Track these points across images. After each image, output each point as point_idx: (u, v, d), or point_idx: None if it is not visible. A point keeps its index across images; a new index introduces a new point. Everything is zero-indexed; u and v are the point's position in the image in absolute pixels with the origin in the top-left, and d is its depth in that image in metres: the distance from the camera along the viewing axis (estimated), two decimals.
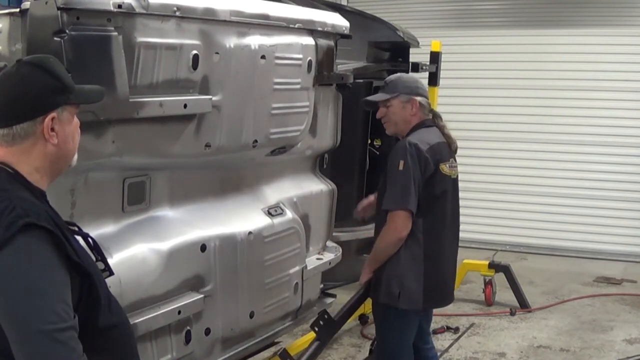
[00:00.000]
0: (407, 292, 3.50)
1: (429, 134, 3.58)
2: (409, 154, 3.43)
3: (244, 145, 3.44)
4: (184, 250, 3.16)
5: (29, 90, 1.92)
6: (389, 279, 3.52)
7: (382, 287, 3.55)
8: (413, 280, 3.50)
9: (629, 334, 5.83)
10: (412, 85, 3.64)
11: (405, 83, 3.63)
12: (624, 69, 8.24)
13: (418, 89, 3.65)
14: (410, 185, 3.42)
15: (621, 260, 8.23)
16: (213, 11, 3.05)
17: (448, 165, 3.59)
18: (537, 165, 8.64)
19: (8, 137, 1.92)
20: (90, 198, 2.85)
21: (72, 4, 2.48)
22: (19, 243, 1.78)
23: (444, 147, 3.60)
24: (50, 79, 1.94)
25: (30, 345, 1.75)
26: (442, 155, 3.56)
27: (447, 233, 3.65)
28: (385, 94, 3.62)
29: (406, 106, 3.60)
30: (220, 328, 3.40)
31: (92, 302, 1.96)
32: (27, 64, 1.97)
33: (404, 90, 3.60)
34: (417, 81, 3.70)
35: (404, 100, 3.59)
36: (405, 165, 3.42)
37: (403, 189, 3.43)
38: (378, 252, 3.57)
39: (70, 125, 2.00)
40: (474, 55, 8.80)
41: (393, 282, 3.51)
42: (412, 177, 3.42)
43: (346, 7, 7.42)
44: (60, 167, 2.03)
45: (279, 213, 3.76)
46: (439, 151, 3.55)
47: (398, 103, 3.59)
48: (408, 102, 3.59)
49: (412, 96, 3.60)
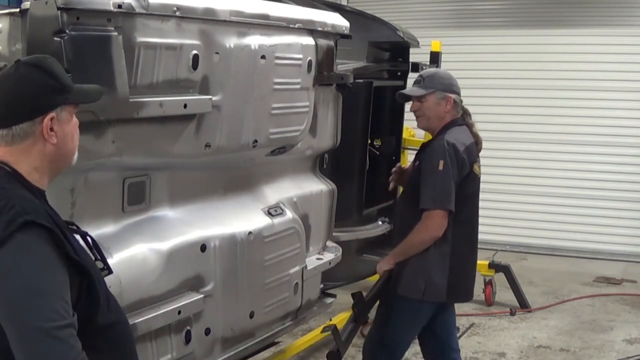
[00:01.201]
0: (433, 286, 3.55)
1: (463, 134, 3.64)
2: (448, 154, 3.49)
3: (244, 145, 3.43)
4: (184, 250, 3.16)
5: (28, 91, 1.92)
6: (414, 272, 3.56)
7: (404, 280, 3.59)
8: (438, 275, 3.56)
9: (629, 334, 5.83)
10: (447, 83, 3.67)
11: (442, 80, 3.67)
12: (624, 69, 8.24)
13: (453, 86, 3.68)
14: (451, 185, 3.48)
15: (621, 260, 8.24)
16: (213, 11, 3.05)
17: (478, 165, 3.67)
18: (537, 165, 8.64)
19: (7, 138, 1.92)
20: (90, 198, 2.85)
21: (72, 4, 2.48)
22: (18, 241, 1.79)
23: (473, 146, 3.67)
24: (49, 79, 1.95)
25: (29, 343, 1.76)
26: (474, 156, 3.64)
27: (475, 231, 3.73)
28: (421, 89, 3.65)
29: (441, 103, 3.64)
30: (220, 328, 3.39)
31: (91, 301, 1.96)
32: (25, 64, 1.97)
33: (439, 87, 3.64)
34: (452, 78, 3.73)
35: (440, 97, 3.63)
36: (445, 165, 3.47)
37: (443, 189, 3.48)
38: (409, 247, 3.60)
39: (69, 124, 2.00)
40: (474, 55, 8.80)
41: (418, 276, 3.56)
42: (452, 177, 3.47)
43: (346, 7, 7.41)
44: (59, 167, 2.04)
45: (279, 213, 3.76)
46: (472, 151, 3.63)
47: (433, 99, 3.63)
48: (443, 99, 3.63)
49: (447, 93, 3.64)
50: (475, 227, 3.73)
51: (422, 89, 3.66)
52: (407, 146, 6.40)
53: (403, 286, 3.61)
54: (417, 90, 3.68)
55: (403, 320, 3.69)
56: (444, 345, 3.88)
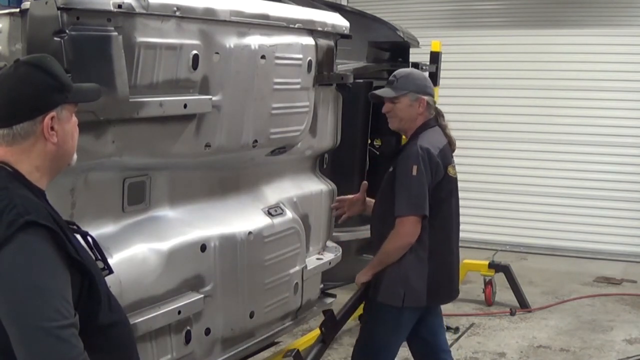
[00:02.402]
0: (412, 291, 3.52)
1: (436, 136, 3.60)
2: (422, 159, 3.45)
3: (244, 145, 3.43)
4: (184, 250, 3.16)
5: (28, 90, 1.93)
6: (393, 279, 3.52)
7: (383, 287, 3.55)
8: (417, 280, 3.52)
9: (629, 334, 5.83)
10: (421, 84, 3.62)
11: (416, 81, 3.62)
12: (624, 69, 8.24)
13: (427, 87, 3.64)
14: (425, 191, 3.44)
15: (621, 260, 8.24)
16: (213, 11, 3.05)
17: (453, 167, 3.63)
18: (537, 165, 8.65)
19: (8, 137, 1.93)
20: (90, 198, 2.85)
21: (72, 4, 2.48)
22: (20, 241, 1.79)
23: (447, 148, 3.63)
24: (49, 79, 1.95)
25: (31, 343, 1.76)
26: (448, 158, 3.60)
27: (453, 232, 3.69)
28: (394, 90, 3.60)
29: (414, 105, 3.59)
30: (220, 328, 3.39)
31: (92, 300, 1.96)
32: (25, 64, 1.97)
33: (413, 88, 3.58)
34: (426, 79, 3.70)
35: (413, 98, 3.58)
36: (418, 171, 3.43)
37: (417, 195, 3.45)
38: (385, 256, 3.56)
39: (69, 123, 2.01)
40: (474, 55, 8.80)
41: (397, 283, 3.52)
42: (425, 183, 3.44)
43: (346, 7, 7.42)
44: (59, 166, 2.04)
45: (279, 213, 3.76)
46: (446, 154, 3.59)
47: (406, 101, 3.58)
48: (416, 101, 3.58)
49: (420, 95, 3.59)
50: (452, 228, 3.68)
51: (395, 90, 3.59)
52: None
53: (383, 294, 3.56)
54: (389, 92, 3.61)
55: (386, 328, 3.64)
56: (432, 348, 3.85)
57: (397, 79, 3.61)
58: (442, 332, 3.96)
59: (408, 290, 3.51)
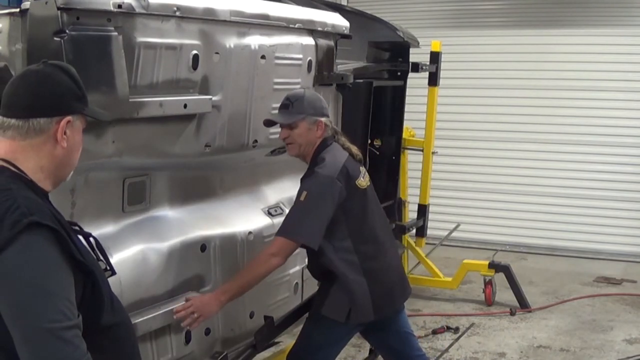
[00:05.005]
0: (358, 307, 3.41)
1: (334, 155, 3.44)
2: (322, 187, 3.32)
3: (244, 145, 3.44)
4: (184, 250, 3.16)
5: (53, 89, 1.95)
6: (338, 296, 3.41)
7: (328, 301, 3.43)
8: (362, 297, 3.41)
9: (629, 334, 5.83)
10: (317, 106, 3.44)
11: (312, 103, 3.42)
12: (624, 69, 8.23)
13: (323, 109, 3.47)
14: (310, 217, 3.30)
15: (621, 260, 8.23)
16: (213, 11, 3.05)
17: (361, 178, 3.48)
18: (537, 165, 8.64)
19: (22, 130, 1.93)
20: (90, 198, 2.85)
21: (72, 4, 2.48)
22: (24, 242, 1.79)
23: (350, 162, 3.46)
24: (73, 85, 1.99)
25: (34, 344, 1.76)
26: (353, 172, 3.44)
27: (383, 240, 3.57)
28: (290, 115, 3.39)
29: (312, 128, 3.41)
30: (220, 328, 3.40)
31: (95, 301, 1.97)
32: (53, 65, 2.00)
33: (310, 112, 3.40)
34: (321, 100, 3.51)
35: (311, 122, 3.41)
36: (307, 197, 3.29)
37: (301, 220, 3.31)
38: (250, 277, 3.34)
39: (79, 135, 2.03)
40: (474, 55, 8.79)
41: (342, 299, 3.41)
42: (317, 209, 3.30)
43: (346, 7, 7.42)
44: (61, 175, 2.05)
45: (279, 213, 3.76)
46: (350, 169, 3.42)
47: (305, 125, 3.40)
48: (314, 124, 3.41)
49: (318, 117, 3.42)
50: (379, 236, 3.54)
51: (291, 115, 3.38)
52: (407, 146, 6.40)
53: (327, 307, 3.43)
54: (286, 117, 3.39)
55: (323, 341, 3.54)
56: (403, 355, 3.74)
57: (292, 103, 3.39)
58: (412, 337, 3.81)
59: (354, 306, 3.40)
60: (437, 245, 7.30)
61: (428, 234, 6.74)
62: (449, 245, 7.79)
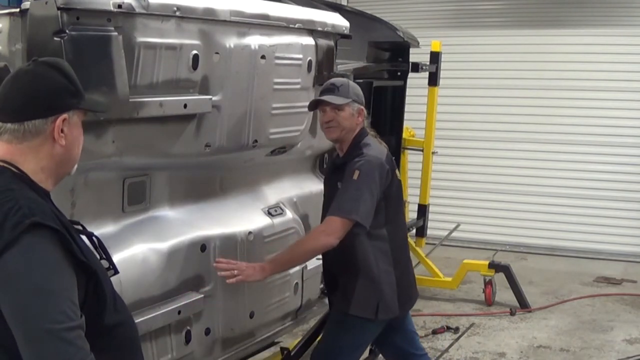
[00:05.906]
0: (385, 303, 3.43)
1: (376, 143, 3.51)
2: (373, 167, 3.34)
3: (244, 145, 3.44)
4: (184, 250, 3.16)
5: (45, 88, 1.93)
6: (365, 292, 3.42)
7: (355, 300, 3.43)
8: (390, 292, 3.44)
9: (629, 334, 5.83)
10: (359, 94, 3.50)
11: (355, 90, 3.48)
12: (624, 69, 8.24)
13: (363, 98, 3.53)
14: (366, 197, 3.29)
15: (621, 260, 8.24)
16: (213, 11, 3.05)
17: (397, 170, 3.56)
18: (537, 165, 8.64)
19: (18, 133, 1.92)
20: (90, 198, 2.85)
21: (72, 4, 2.48)
22: (26, 243, 1.79)
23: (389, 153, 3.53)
24: (66, 81, 1.97)
25: (37, 345, 1.76)
26: (392, 163, 3.51)
27: (405, 237, 3.64)
28: (340, 98, 3.41)
29: (354, 114, 3.45)
30: (220, 328, 3.40)
31: (97, 301, 1.96)
32: (44, 63, 1.98)
33: (354, 98, 3.45)
34: (360, 89, 3.55)
35: (354, 108, 3.45)
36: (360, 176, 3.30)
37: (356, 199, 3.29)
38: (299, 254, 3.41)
39: (77, 130, 2.02)
40: (474, 55, 8.80)
41: (370, 296, 3.42)
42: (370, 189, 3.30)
43: (346, 7, 7.41)
44: (63, 172, 2.04)
45: (279, 213, 3.76)
46: (390, 158, 3.50)
47: (349, 110, 3.43)
48: (357, 111, 3.46)
49: (360, 105, 3.48)
50: (405, 230, 3.60)
51: (339, 97, 3.40)
52: (407, 146, 6.40)
53: (354, 306, 3.42)
54: (336, 99, 3.40)
55: (353, 341, 3.53)
56: (408, 354, 3.77)
57: (337, 87, 3.43)
58: (417, 337, 3.87)
59: (382, 301, 3.42)
60: (437, 245, 7.31)
61: (428, 234, 6.75)
62: (449, 245, 7.80)
